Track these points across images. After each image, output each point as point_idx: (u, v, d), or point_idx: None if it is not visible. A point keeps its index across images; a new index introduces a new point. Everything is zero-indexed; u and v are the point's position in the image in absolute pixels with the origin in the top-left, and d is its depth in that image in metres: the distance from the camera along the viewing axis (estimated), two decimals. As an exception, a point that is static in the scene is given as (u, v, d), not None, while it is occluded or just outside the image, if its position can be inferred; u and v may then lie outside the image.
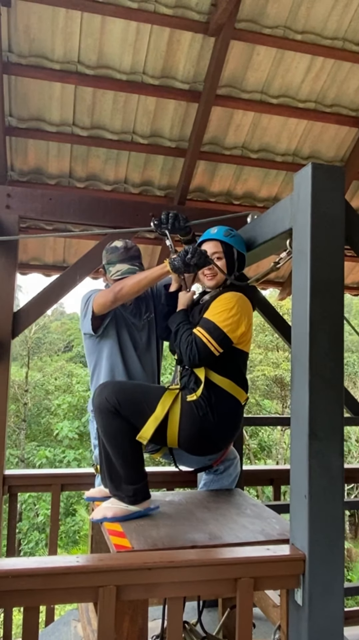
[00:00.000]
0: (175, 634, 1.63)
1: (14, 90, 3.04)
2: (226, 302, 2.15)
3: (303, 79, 3.33)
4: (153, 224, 2.35)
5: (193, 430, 2.09)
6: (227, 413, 2.14)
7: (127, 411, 2.08)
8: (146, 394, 2.16)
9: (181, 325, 2.19)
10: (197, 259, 2.13)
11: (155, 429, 2.05)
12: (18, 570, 1.53)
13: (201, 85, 3.17)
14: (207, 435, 2.12)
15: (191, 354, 2.06)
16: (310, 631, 1.69)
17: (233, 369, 2.17)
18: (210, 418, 2.09)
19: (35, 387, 18.76)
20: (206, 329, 2.08)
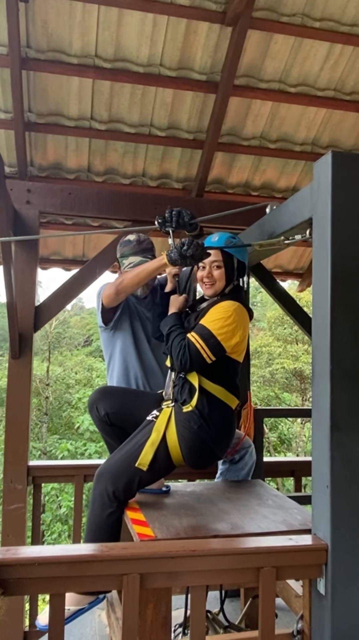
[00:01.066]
0: (198, 622, 1.64)
1: (33, 86, 3.06)
2: (223, 310, 2.14)
3: (322, 67, 3.29)
4: (157, 222, 2.34)
5: (193, 445, 2.09)
6: (221, 421, 2.13)
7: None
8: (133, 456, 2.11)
9: (174, 328, 2.17)
10: (193, 250, 2.11)
11: (153, 453, 2.05)
12: (44, 557, 1.56)
13: (218, 75, 3.15)
14: (206, 447, 2.12)
15: (183, 359, 2.06)
16: (333, 620, 1.69)
17: (225, 376, 2.17)
18: (206, 429, 2.08)
19: (56, 381, 18.97)
20: (200, 336, 2.07)
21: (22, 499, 2.92)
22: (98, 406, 2.34)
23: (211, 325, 2.09)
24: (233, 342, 2.12)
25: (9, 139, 3.19)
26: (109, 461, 2.15)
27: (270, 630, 1.69)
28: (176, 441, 2.08)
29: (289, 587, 2.14)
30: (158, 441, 2.07)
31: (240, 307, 2.18)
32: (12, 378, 3.02)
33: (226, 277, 2.26)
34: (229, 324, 2.10)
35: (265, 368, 18.36)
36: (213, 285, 2.26)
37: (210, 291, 2.28)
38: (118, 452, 2.16)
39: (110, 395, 2.42)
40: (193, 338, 2.07)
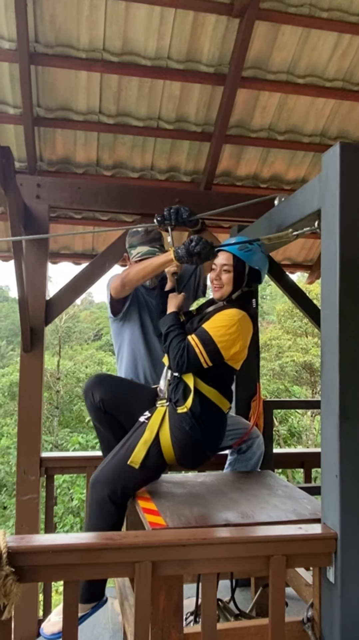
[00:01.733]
0: (209, 610, 1.67)
1: (41, 81, 3.08)
2: (227, 318, 2.14)
3: (330, 58, 3.26)
4: (156, 220, 2.35)
5: (185, 445, 2.11)
6: (213, 423, 2.16)
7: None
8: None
9: (172, 328, 2.17)
10: (201, 248, 2.12)
11: (146, 451, 2.07)
12: (58, 545, 1.60)
13: (226, 67, 3.14)
14: (197, 447, 2.15)
15: (180, 360, 2.07)
16: (343, 608, 1.71)
17: (220, 380, 2.18)
18: (198, 430, 2.10)
19: (66, 375, 19.10)
20: (201, 340, 2.08)
21: (36, 489, 2.97)
22: (94, 392, 2.34)
23: (213, 332, 2.10)
24: (232, 351, 2.12)
25: (19, 134, 3.21)
26: (102, 467, 2.16)
27: (281, 617, 1.71)
28: (169, 440, 2.10)
29: (299, 576, 2.17)
30: (151, 440, 2.09)
31: (244, 317, 2.18)
32: (24, 371, 3.06)
33: (234, 283, 2.24)
34: (231, 333, 2.10)
35: (274, 361, 18.33)
36: (221, 288, 2.26)
37: (217, 294, 2.28)
38: (111, 457, 2.16)
39: (106, 382, 2.43)
40: (193, 341, 2.08)
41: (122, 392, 2.40)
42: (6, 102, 3.13)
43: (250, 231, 2.84)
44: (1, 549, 1.49)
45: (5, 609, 1.48)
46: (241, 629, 1.82)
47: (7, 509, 13.71)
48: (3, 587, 1.47)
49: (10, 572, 1.48)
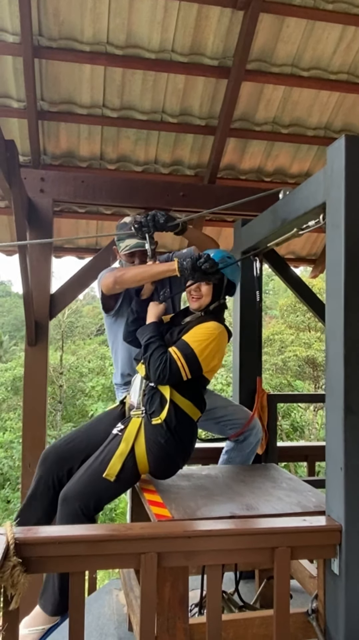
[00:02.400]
0: (214, 600, 1.68)
1: (45, 74, 3.07)
2: (208, 332, 2.14)
3: (335, 50, 3.25)
4: (133, 227, 2.34)
5: (159, 457, 2.09)
6: (186, 435, 2.14)
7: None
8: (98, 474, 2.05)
9: (153, 339, 2.15)
10: (208, 266, 2.12)
11: (122, 464, 2.03)
12: (64, 537, 1.60)
13: (230, 60, 3.13)
14: (171, 460, 2.14)
15: (162, 373, 2.05)
16: (347, 599, 1.72)
17: (195, 392, 2.17)
18: (172, 442, 2.09)
19: (69, 370, 19.16)
20: (182, 353, 2.07)
21: (41, 482, 2.98)
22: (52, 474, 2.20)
23: (194, 345, 2.09)
24: (212, 365, 2.14)
25: (23, 127, 3.21)
26: (73, 483, 2.07)
27: (285, 608, 1.72)
28: (144, 452, 2.07)
29: (303, 568, 2.18)
30: (127, 452, 2.05)
31: (223, 331, 2.19)
32: (29, 364, 3.08)
33: (213, 294, 2.25)
34: (212, 348, 2.11)
35: (277, 356, 18.34)
36: (199, 299, 2.25)
37: (195, 304, 2.27)
38: (83, 472, 2.08)
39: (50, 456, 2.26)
40: (175, 355, 2.07)
41: (77, 450, 2.25)
42: (10, 95, 3.13)
43: (255, 225, 2.83)
44: (8, 540, 1.50)
45: (12, 599, 1.49)
46: (245, 620, 1.83)
47: (10, 503, 13.79)
48: (10, 578, 1.48)
49: (17, 562, 1.49)
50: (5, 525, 1.57)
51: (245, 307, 3.02)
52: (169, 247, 4.40)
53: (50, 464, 2.20)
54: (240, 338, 3.04)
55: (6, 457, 14.50)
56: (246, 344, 3.04)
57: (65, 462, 2.18)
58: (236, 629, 1.79)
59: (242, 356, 3.06)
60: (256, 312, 3.08)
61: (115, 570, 8.72)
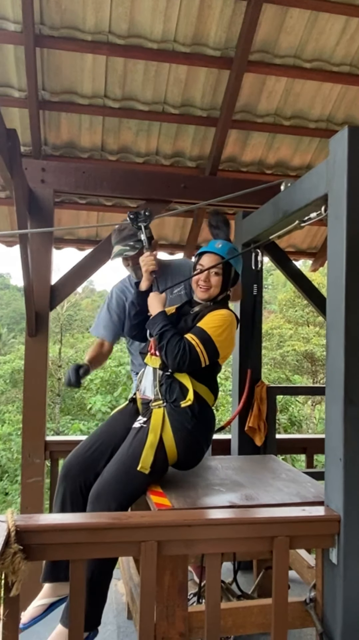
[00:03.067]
0: (214, 589, 1.70)
1: (47, 64, 3.06)
2: (223, 319, 2.17)
3: (338, 42, 3.23)
4: (129, 218, 2.39)
5: (190, 444, 2.10)
6: (209, 420, 2.18)
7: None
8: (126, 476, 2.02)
9: (167, 327, 2.14)
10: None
11: (154, 455, 2.01)
12: (65, 524, 1.62)
13: (233, 51, 3.11)
14: (199, 445, 2.15)
15: (181, 360, 2.05)
16: (345, 588, 1.73)
17: (209, 377, 2.20)
18: (197, 427, 2.10)
19: (68, 363, 19.15)
20: (201, 340, 2.08)
21: (40, 472, 3.00)
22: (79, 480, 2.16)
23: (211, 331, 2.11)
24: (227, 351, 2.19)
25: (24, 117, 3.19)
26: (105, 482, 2.02)
27: (284, 597, 1.74)
28: (172, 441, 2.06)
29: (301, 558, 2.20)
30: (156, 442, 2.04)
31: (234, 319, 2.23)
32: (30, 355, 3.08)
33: (222, 286, 2.27)
34: (227, 333, 2.16)
35: (275, 350, 18.38)
36: (208, 290, 2.26)
37: (204, 295, 2.27)
38: (113, 470, 2.04)
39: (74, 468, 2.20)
40: (194, 341, 2.08)
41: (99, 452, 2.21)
42: (11, 85, 3.11)
43: (256, 217, 2.83)
44: (10, 527, 1.51)
45: (13, 585, 1.51)
46: (244, 609, 1.84)
47: (8, 495, 13.83)
48: (11, 565, 1.49)
49: (18, 549, 1.51)
50: (7, 513, 1.58)
51: (245, 300, 3.03)
52: (169, 239, 4.40)
53: (75, 475, 2.15)
54: (240, 331, 3.05)
55: (4, 450, 14.52)
56: (246, 337, 3.05)
57: (90, 470, 2.13)
58: (235, 618, 1.80)
59: (242, 349, 3.07)
60: (257, 305, 3.09)
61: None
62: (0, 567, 1.46)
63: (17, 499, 12.87)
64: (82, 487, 2.12)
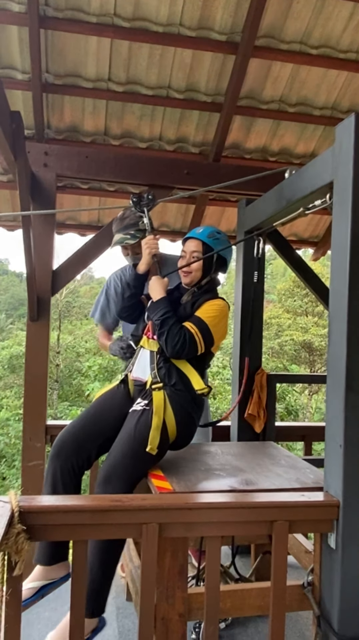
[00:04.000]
0: (213, 571, 1.72)
1: (51, 46, 3.02)
2: (219, 309, 2.24)
3: (345, 28, 3.19)
4: (132, 201, 2.40)
5: (188, 425, 2.18)
6: (200, 403, 2.23)
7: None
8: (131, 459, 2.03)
9: (169, 314, 2.17)
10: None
11: (160, 436, 2.03)
12: (68, 506, 1.63)
13: (238, 36, 3.08)
14: (195, 426, 2.23)
15: (180, 348, 2.11)
16: (343, 572, 1.76)
17: (201, 364, 2.27)
18: (196, 411, 2.20)
19: (66, 350, 19.20)
20: (199, 329, 2.15)
21: (41, 456, 3.02)
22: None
23: (208, 321, 2.18)
24: (221, 340, 2.28)
25: (27, 100, 3.16)
26: (114, 463, 2.02)
27: (282, 580, 1.76)
28: (174, 423, 2.11)
29: (299, 543, 2.22)
30: (161, 424, 2.07)
31: (227, 308, 2.30)
32: (31, 339, 3.09)
33: (204, 269, 2.31)
34: (223, 323, 2.24)
35: (274, 340, 18.42)
36: (189, 274, 2.31)
37: (186, 280, 2.33)
38: (119, 451, 2.04)
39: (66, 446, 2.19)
40: (193, 330, 2.14)
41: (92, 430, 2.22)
42: (15, 67, 3.08)
43: (259, 204, 2.82)
44: (13, 508, 1.53)
45: (16, 565, 1.52)
46: (242, 591, 1.87)
47: (6, 480, 13.92)
48: (15, 544, 1.50)
49: (21, 530, 1.52)
50: (10, 494, 1.60)
51: (246, 288, 3.03)
52: (172, 225, 4.39)
53: (68, 455, 2.13)
54: (241, 319, 3.05)
55: (2, 435, 14.58)
56: (246, 325, 3.05)
57: (83, 451, 2.14)
58: (234, 600, 1.83)
59: (243, 337, 3.07)
60: (258, 293, 3.08)
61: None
62: (4, 547, 1.47)
63: (15, 483, 12.96)
64: (75, 467, 2.12)
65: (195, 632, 2.14)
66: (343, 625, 1.75)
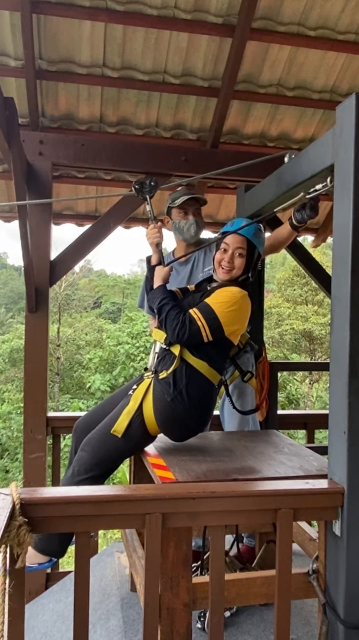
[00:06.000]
0: (218, 560, 1.70)
1: (43, 31, 2.96)
2: (231, 295, 2.14)
3: (343, 9, 3.13)
4: (134, 188, 2.37)
5: (166, 417, 2.10)
6: (198, 396, 2.11)
7: None
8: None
9: (166, 301, 2.15)
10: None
11: (129, 421, 2.07)
12: (70, 497, 1.61)
13: (235, 18, 3.02)
14: (180, 420, 2.11)
15: (180, 332, 2.05)
16: (348, 559, 1.74)
17: (212, 353, 2.13)
18: (179, 401, 2.07)
19: (67, 342, 19.21)
20: (204, 315, 2.06)
21: (42, 448, 3.00)
22: None
23: (216, 307, 2.09)
24: (233, 328, 2.13)
25: (20, 87, 3.11)
26: (91, 434, 2.17)
27: (288, 568, 1.75)
28: (151, 411, 2.09)
29: (303, 530, 2.20)
30: (134, 410, 2.08)
31: (246, 297, 2.18)
32: (30, 331, 3.06)
33: (245, 267, 2.24)
34: (234, 310, 2.11)
35: (274, 329, 18.41)
36: (231, 271, 2.23)
37: (225, 276, 2.24)
38: (99, 425, 2.18)
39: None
40: (195, 315, 2.06)
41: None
42: (7, 53, 3.02)
43: (259, 190, 2.78)
44: (14, 500, 1.51)
45: (19, 558, 1.51)
46: (247, 580, 1.86)
47: (9, 472, 13.98)
48: (17, 537, 1.48)
49: (23, 522, 1.50)
50: (11, 486, 1.57)
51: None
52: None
53: (79, 433, 2.31)
54: (242, 306, 3.02)
55: (4, 428, 14.63)
56: (248, 312, 3.02)
57: (92, 428, 2.25)
58: (239, 588, 1.82)
59: (244, 324, 3.04)
60: (258, 281, 3.05)
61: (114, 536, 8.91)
62: (6, 540, 1.45)
63: (18, 476, 13.03)
64: None
65: (200, 621, 2.13)
66: (349, 613, 1.74)
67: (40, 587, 2.91)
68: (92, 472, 2.11)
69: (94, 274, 33.67)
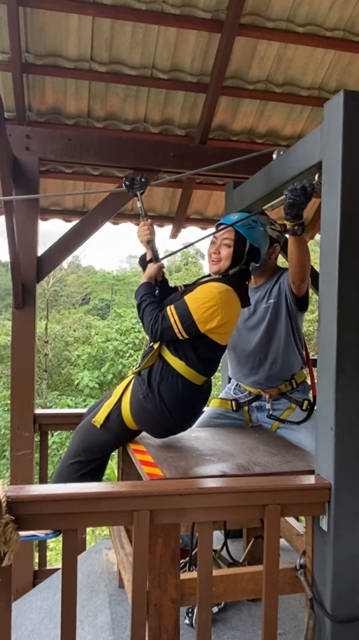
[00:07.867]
0: (206, 556, 1.71)
1: (30, 24, 2.92)
2: (208, 291, 2.08)
3: (331, 5, 3.13)
4: (124, 185, 2.37)
5: (137, 413, 2.11)
6: (171, 396, 2.06)
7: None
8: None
9: (145, 298, 2.16)
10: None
11: (107, 413, 2.16)
12: (57, 495, 1.60)
13: (224, 13, 3.00)
14: (151, 418, 2.10)
15: (154, 328, 2.06)
16: (335, 554, 1.76)
17: (190, 353, 2.08)
18: (151, 400, 2.06)
19: (54, 339, 19.10)
20: (177, 312, 2.04)
21: (29, 445, 2.98)
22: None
23: (190, 303, 2.04)
24: (209, 325, 2.04)
25: (6, 81, 3.07)
26: (81, 423, 2.34)
27: (275, 563, 1.76)
28: (128, 406, 2.14)
29: (291, 526, 2.22)
30: (114, 403, 2.16)
31: (228, 292, 2.08)
32: (17, 327, 3.03)
33: (233, 258, 2.19)
34: (210, 307, 2.03)
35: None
36: (218, 262, 2.21)
37: (214, 267, 2.22)
38: (91, 413, 2.30)
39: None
40: (170, 311, 2.05)
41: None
42: (-7, 46, 2.98)
43: (247, 187, 2.78)
44: (1, 498, 1.49)
45: (5, 556, 1.50)
46: (235, 575, 1.86)
47: (-4, 469, 13.90)
48: (3, 535, 1.48)
49: (9, 520, 1.49)
50: (-3, 484, 1.56)
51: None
52: (158, 210, 4.33)
53: None
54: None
55: (-9, 425, 14.52)
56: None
57: None
58: (226, 584, 1.83)
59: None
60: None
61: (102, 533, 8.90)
62: (-8, 538, 1.44)
63: (5, 473, 12.95)
64: None
65: (188, 617, 2.14)
66: (336, 607, 1.76)
67: (28, 585, 2.89)
68: (79, 457, 2.21)
69: (82, 270, 33.47)
